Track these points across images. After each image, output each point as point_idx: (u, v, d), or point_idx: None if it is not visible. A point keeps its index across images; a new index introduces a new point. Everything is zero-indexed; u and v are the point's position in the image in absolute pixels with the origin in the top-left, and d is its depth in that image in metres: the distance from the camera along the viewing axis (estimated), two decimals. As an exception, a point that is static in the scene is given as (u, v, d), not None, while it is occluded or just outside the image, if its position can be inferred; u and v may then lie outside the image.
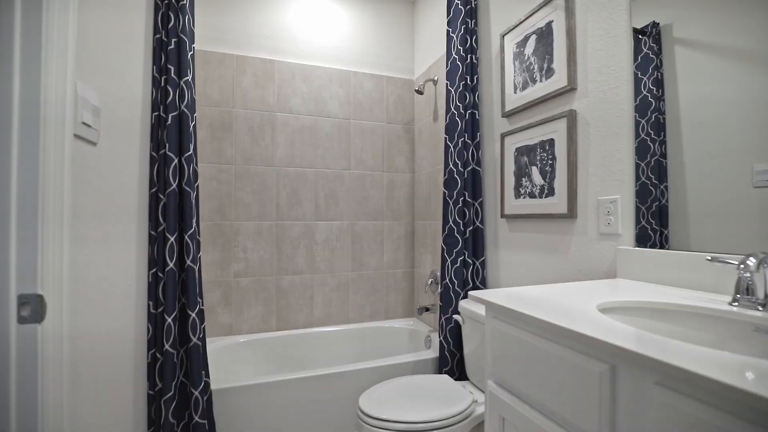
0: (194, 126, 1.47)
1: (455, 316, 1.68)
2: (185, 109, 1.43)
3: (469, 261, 1.72)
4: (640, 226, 1.07)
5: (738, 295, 0.72)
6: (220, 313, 2.11)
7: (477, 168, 1.74)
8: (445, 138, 1.75)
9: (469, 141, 1.74)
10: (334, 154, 2.36)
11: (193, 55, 1.47)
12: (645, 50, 1.05)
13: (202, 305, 1.46)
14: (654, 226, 1.03)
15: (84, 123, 0.93)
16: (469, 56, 1.75)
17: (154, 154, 1.41)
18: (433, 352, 1.91)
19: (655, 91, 1.03)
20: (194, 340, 1.41)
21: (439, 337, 1.76)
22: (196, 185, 1.48)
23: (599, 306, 0.76)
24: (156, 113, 1.41)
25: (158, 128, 1.42)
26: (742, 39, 0.84)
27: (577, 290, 0.90)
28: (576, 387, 0.62)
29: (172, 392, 1.37)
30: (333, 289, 2.35)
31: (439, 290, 1.81)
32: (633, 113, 1.09)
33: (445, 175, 1.75)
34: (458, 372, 1.74)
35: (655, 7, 1.03)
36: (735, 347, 0.68)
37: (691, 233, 0.94)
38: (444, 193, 1.75)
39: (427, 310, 2.17)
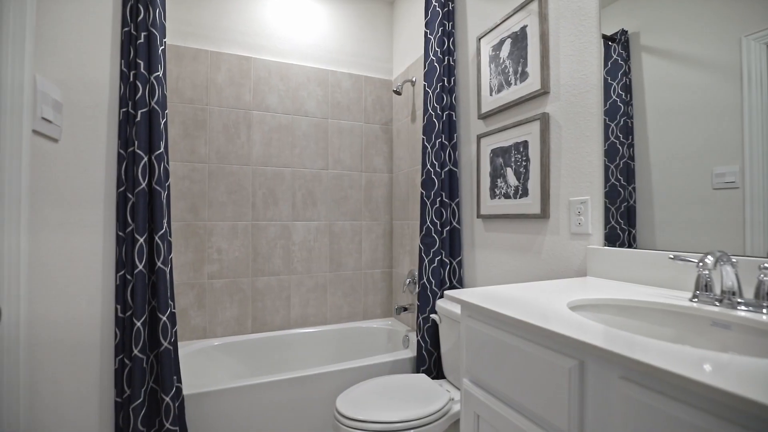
0: (165, 123, 1.43)
1: (432, 316, 1.70)
2: (156, 106, 1.38)
3: (446, 261, 1.74)
4: (609, 226, 1.11)
5: (697, 292, 0.76)
6: (193, 315, 2.05)
7: (454, 169, 1.76)
8: (423, 139, 1.76)
9: (446, 142, 1.76)
10: (311, 153, 2.33)
11: (164, 50, 1.43)
12: (614, 56, 1.09)
13: (174, 308, 1.42)
14: (623, 226, 1.07)
15: (44, 118, 0.89)
16: (446, 58, 1.76)
17: (122, 151, 1.35)
18: (410, 352, 1.92)
19: (624, 96, 1.07)
20: (165, 344, 1.36)
21: (417, 336, 1.77)
22: (167, 184, 1.43)
23: (570, 304, 0.78)
24: (124, 109, 1.35)
25: (126, 125, 1.36)
26: (703, 49, 0.89)
27: (549, 289, 0.93)
28: (547, 383, 0.63)
29: (141, 399, 1.32)
30: (310, 290, 2.33)
31: (417, 290, 1.82)
32: (602, 117, 1.13)
33: (422, 175, 1.76)
34: (435, 371, 1.75)
35: (623, 15, 1.07)
36: (695, 341, 0.72)
37: (657, 232, 0.98)
38: (421, 193, 1.76)
39: (405, 309, 2.17)
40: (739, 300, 0.70)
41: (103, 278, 1.27)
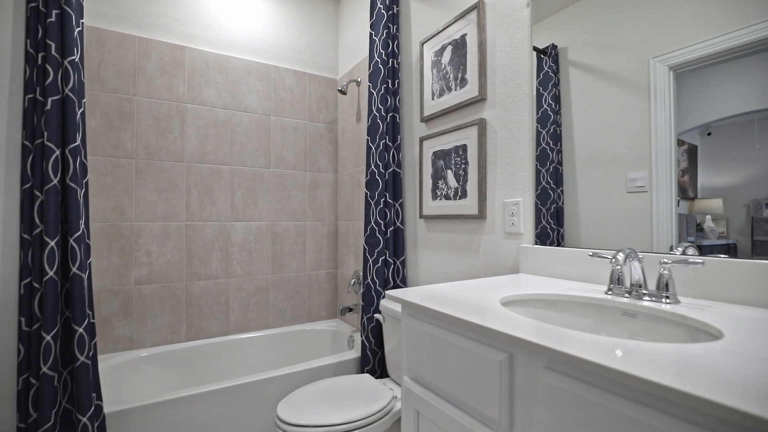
0: (83, 113, 1.28)
1: (376, 315, 1.70)
2: (70, 93, 1.24)
3: (390, 260, 1.76)
4: (540, 226, 1.19)
5: (611, 285, 0.84)
6: (117, 325, 1.87)
7: (397, 170, 1.79)
8: (368, 139, 1.77)
9: (390, 143, 1.78)
10: (252, 150, 2.24)
11: (81, 32, 1.29)
12: (546, 68, 1.17)
13: (93, 318, 1.28)
14: (552, 226, 1.15)
15: None
16: (390, 60, 1.78)
17: (28, 143, 1.20)
18: (355, 352, 1.91)
19: (553, 106, 1.15)
20: (82, 358, 1.23)
21: (361, 336, 1.77)
22: (84, 181, 1.29)
23: (502, 300, 0.83)
24: (30, 96, 1.20)
25: (33, 113, 1.21)
26: (618, 67, 0.98)
27: (484, 286, 0.97)
28: (480, 376, 0.66)
29: (52, 422, 1.17)
30: (251, 294, 2.23)
31: (362, 290, 1.82)
32: (534, 124, 1.21)
33: (366, 176, 1.76)
34: (380, 370, 1.76)
35: (554, 30, 1.15)
36: (609, 330, 0.79)
37: (581, 232, 1.07)
38: (366, 193, 1.76)
39: (350, 310, 2.16)
40: (644, 291, 0.78)
41: (2, 290, 1.11)
